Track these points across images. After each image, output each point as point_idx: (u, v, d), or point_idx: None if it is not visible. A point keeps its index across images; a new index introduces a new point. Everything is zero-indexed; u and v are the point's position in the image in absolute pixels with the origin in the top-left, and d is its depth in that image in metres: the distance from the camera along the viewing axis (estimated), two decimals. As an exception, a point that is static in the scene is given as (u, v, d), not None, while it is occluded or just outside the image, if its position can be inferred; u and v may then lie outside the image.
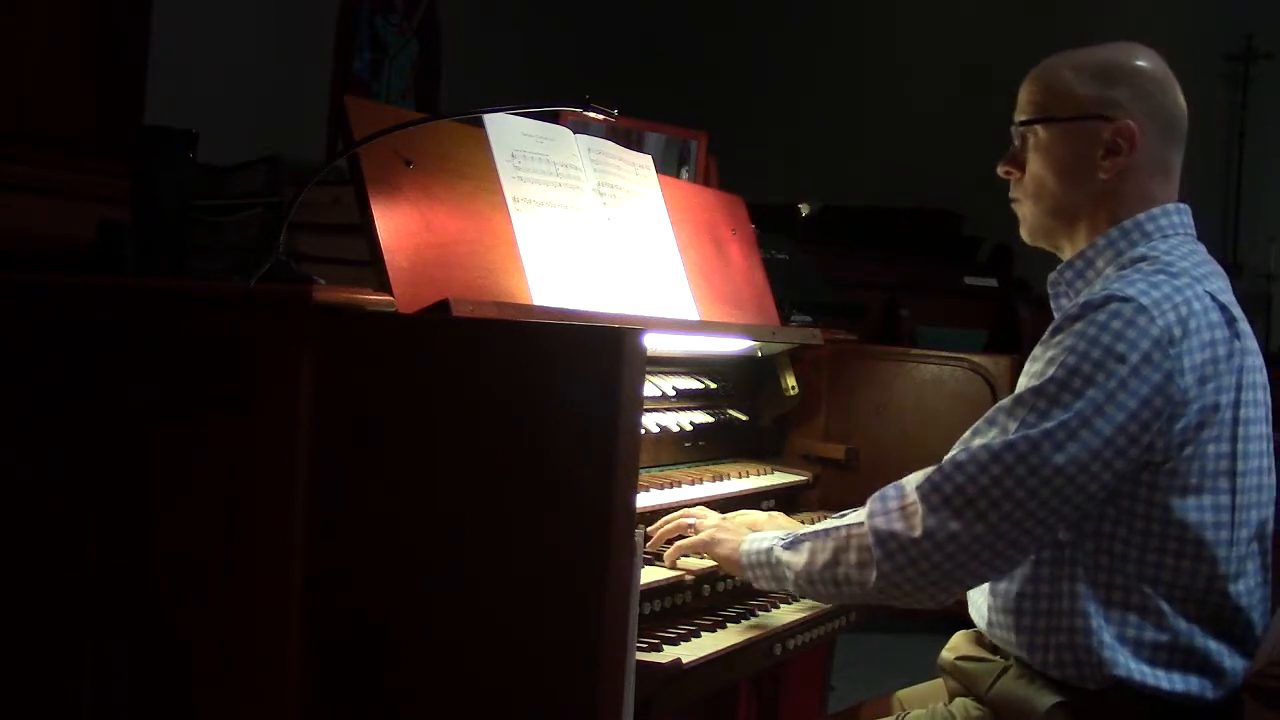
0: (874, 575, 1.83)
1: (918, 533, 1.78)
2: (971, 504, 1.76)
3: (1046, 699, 1.84)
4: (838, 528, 1.89)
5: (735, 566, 2.03)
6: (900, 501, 1.82)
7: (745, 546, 2.01)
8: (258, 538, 1.53)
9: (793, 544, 1.94)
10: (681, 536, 2.11)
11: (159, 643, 1.59)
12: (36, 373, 1.67)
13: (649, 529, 2.11)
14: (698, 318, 2.38)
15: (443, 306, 1.71)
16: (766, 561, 1.97)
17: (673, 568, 2.05)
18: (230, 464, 1.54)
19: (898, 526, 1.81)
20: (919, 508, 1.79)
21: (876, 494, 1.87)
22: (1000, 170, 2.02)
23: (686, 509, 2.18)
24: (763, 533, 2.04)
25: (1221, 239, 7.44)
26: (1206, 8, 7.44)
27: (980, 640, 2.03)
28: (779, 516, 2.25)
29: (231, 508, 1.54)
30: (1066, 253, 1.99)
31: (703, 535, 2.08)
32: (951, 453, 1.82)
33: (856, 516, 1.89)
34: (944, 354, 2.69)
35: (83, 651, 1.62)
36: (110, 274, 1.87)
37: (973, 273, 7.07)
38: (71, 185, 3.76)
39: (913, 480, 1.83)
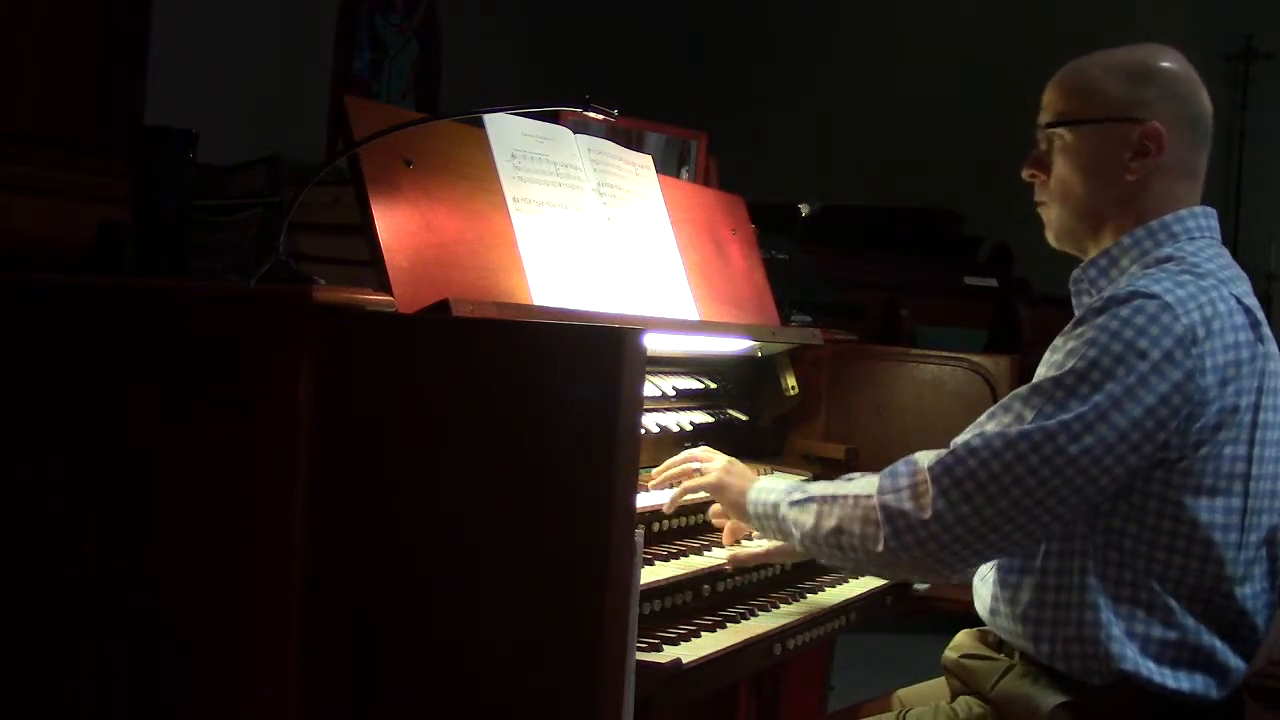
0: (880, 548, 1.84)
1: (927, 514, 1.79)
2: (982, 489, 1.77)
3: (1051, 698, 1.84)
4: (846, 495, 1.90)
5: (740, 512, 2.06)
6: (911, 480, 1.83)
7: (753, 495, 2.03)
8: (258, 538, 1.53)
9: (800, 503, 1.96)
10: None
11: (159, 643, 1.58)
12: (36, 373, 1.67)
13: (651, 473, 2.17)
14: (698, 318, 2.38)
15: (443, 306, 1.71)
16: (773, 515, 1.99)
17: (675, 508, 2.11)
18: (230, 464, 1.54)
19: (907, 506, 1.81)
20: (930, 489, 1.80)
21: (888, 470, 1.87)
22: (1025, 174, 2.01)
23: (691, 451, 2.21)
24: (771, 482, 2.06)
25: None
26: (1206, 8, 7.43)
27: (984, 639, 2.03)
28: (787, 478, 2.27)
29: (231, 508, 1.54)
30: (1091, 255, 1.98)
31: (709, 478, 2.10)
32: (965, 437, 1.82)
33: (865, 485, 1.89)
34: (944, 354, 2.69)
35: (83, 651, 1.62)
36: (110, 274, 1.87)
37: (973, 273, 7.06)
38: (71, 185, 3.76)
39: (925, 459, 1.83)
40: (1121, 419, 1.73)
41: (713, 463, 2.13)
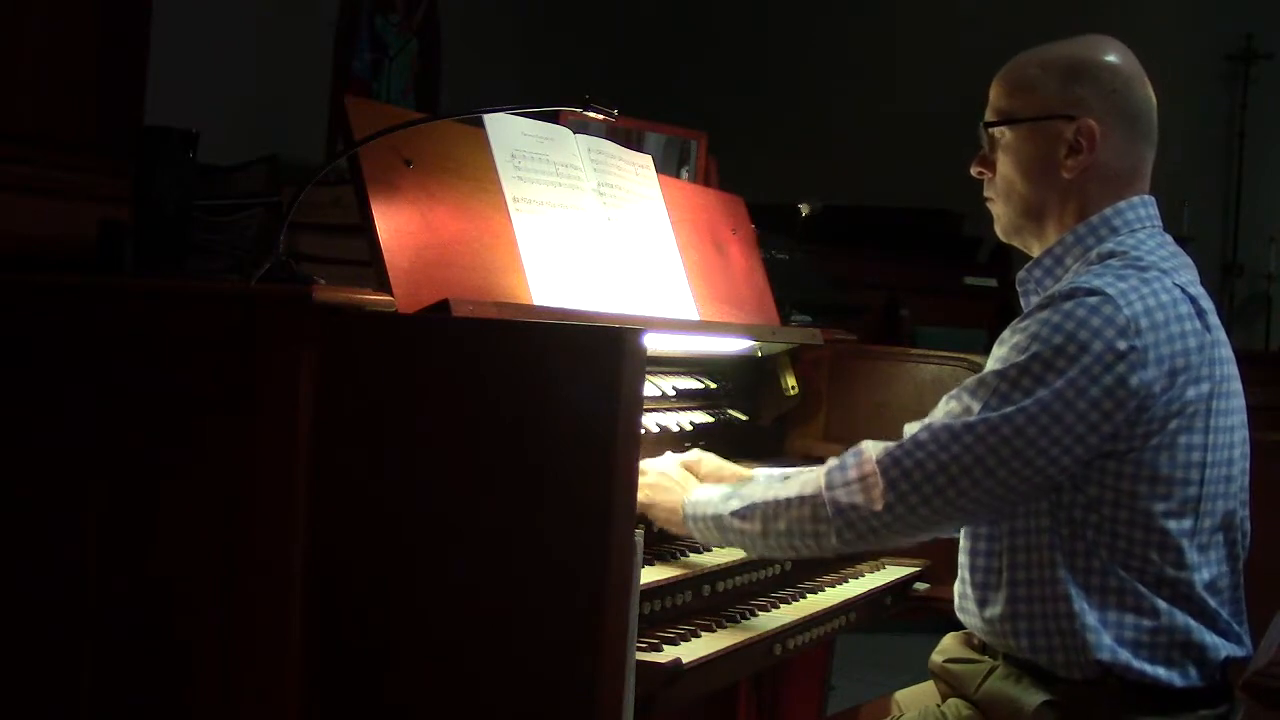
0: (833, 541, 1.87)
1: (878, 506, 1.82)
2: (931, 480, 1.80)
3: (1034, 697, 1.85)
4: (789, 499, 1.89)
5: (676, 529, 2.02)
6: (860, 471, 1.85)
7: (688, 511, 1.99)
8: (258, 538, 1.53)
9: (742, 514, 1.93)
10: None
11: (159, 643, 1.59)
12: (36, 372, 1.67)
13: None
14: (698, 318, 2.38)
15: (443, 306, 1.71)
16: (714, 527, 1.96)
17: None
18: (230, 464, 1.55)
19: (858, 499, 1.84)
20: (879, 480, 1.82)
21: (834, 463, 1.88)
22: (973, 171, 2.04)
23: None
24: (703, 493, 2.00)
25: (1221, 239, 7.44)
26: (1206, 8, 7.43)
27: (969, 641, 2.03)
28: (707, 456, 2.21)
29: (231, 508, 1.54)
30: (1036, 251, 2.01)
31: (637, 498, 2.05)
32: (913, 429, 1.84)
33: (807, 483, 1.89)
34: (944, 354, 2.69)
35: (83, 651, 1.62)
36: (110, 274, 1.87)
37: (973, 273, 7.06)
38: (71, 185, 3.76)
39: (873, 450, 1.85)
40: (1065, 411, 1.75)
41: (645, 477, 2.04)
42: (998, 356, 1.84)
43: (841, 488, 1.86)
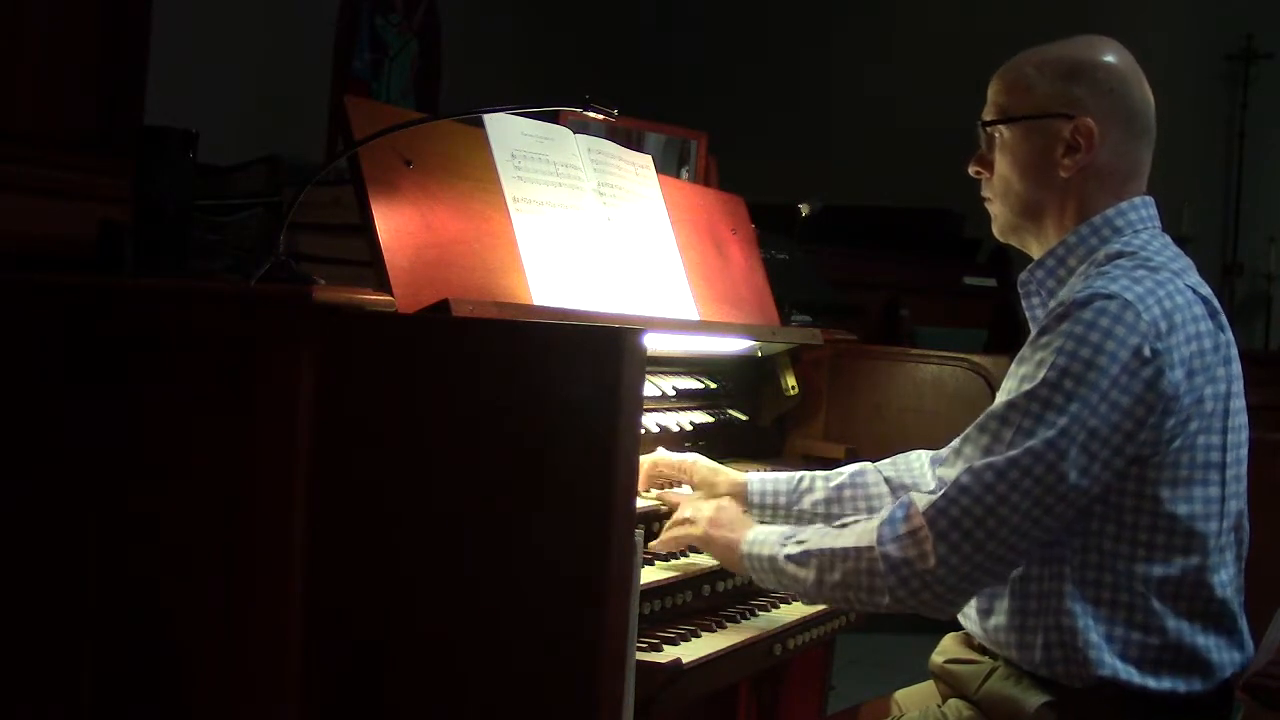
0: (886, 599, 1.82)
1: (932, 562, 1.77)
2: (981, 524, 1.75)
3: (1034, 698, 1.84)
4: (845, 549, 1.85)
5: (732, 565, 2.00)
6: (909, 526, 1.80)
7: (745, 549, 1.97)
8: (258, 538, 1.53)
9: (798, 559, 1.90)
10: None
11: (159, 643, 1.59)
12: (37, 372, 1.67)
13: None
14: (698, 318, 2.38)
15: (443, 306, 1.71)
16: (769, 569, 1.94)
17: (667, 561, 2.03)
18: (230, 464, 1.55)
19: (910, 554, 1.78)
20: (929, 534, 1.77)
21: (885, 516, 1.83)
22: (970, 170, 2.03)
23: (677, 495, 2.15)
24: (761, 533, 1.98)
25: (1221, 239, 7.44)
26: (1206, 8, 7.43)
27: (969, 642, 2.03)
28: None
29: (231, 508, 1.54)
30: (1035, 251, 1.99)
31: (696, 531, 2.03)
32: (949, 473, 1.80)
33: (862, 534, 1.84)
34: (944, 354, 2.69)
35: (83, 651, 1.62)
36: (110, 274, 1.87)
37: (973, 273, 7.06)
38: (71, 185, 3.76)
39: (920, 502, 1.81)
40: (1101, 425, 1.73)
41: (701, 512, 2.04)
42: (1022, 375, 1.79)
43: (893, 543, 1.80)
